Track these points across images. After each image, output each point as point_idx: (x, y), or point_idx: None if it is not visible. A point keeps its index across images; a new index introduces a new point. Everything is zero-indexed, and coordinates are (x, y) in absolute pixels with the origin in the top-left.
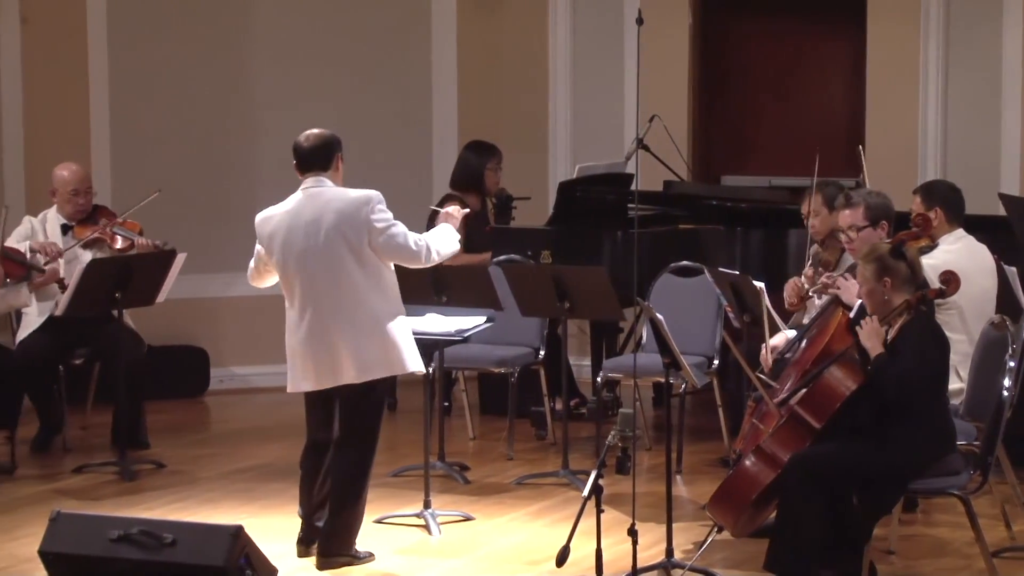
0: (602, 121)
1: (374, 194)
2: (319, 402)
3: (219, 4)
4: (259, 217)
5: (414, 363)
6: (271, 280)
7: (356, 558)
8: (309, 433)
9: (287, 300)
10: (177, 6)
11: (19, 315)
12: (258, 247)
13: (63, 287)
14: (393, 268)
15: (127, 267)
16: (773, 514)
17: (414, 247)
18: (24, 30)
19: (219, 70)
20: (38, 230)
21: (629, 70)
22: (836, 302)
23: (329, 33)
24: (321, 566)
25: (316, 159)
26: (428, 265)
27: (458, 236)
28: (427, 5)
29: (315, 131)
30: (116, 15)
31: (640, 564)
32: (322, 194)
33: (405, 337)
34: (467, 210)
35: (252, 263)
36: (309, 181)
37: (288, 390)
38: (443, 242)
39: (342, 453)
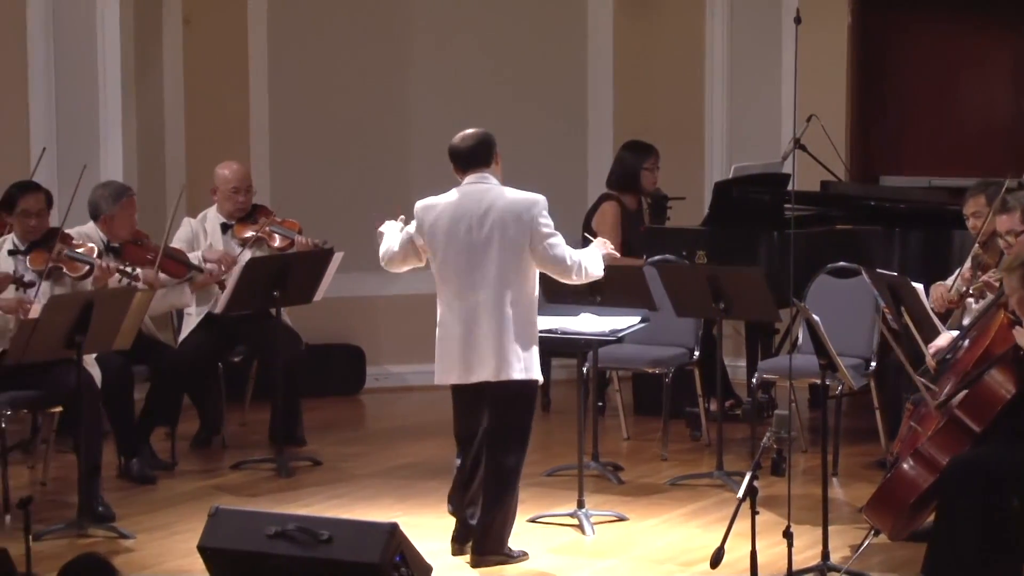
0: (759, 121)
1: (541, 198)
2: (468, 398)
3: (377, 4)
4: (421, 204)
5: (539, 372)
6: (408, 267)
7: (510, 557)
8: (458, 430)
9: (440, 291)
10: (337, 6)
11: (181, 314)
12: (411, 232)
13: (222, 287)
14: (537, 276)
15: (285, 265)
16: (931, 518)
17: (569, 261)
18: (186, 31)
19: (376, 69)
20: (198, 231)
21: (787, 69)
22: (997, 304)
23: (485, 34)
24: (475, 564)
25: (477, 156)
26: (574, 282)
27: (602, 263)
28: (583, 5)
29: (470, 131)
30: (276, 15)
31: (795, 567)
32: (489, 190)
33: (535, 345)
34: (617, 254)
35: (396, 246)
36: (473, 177)
37: (435, 382)
38: (593, 264)
39: (494, 452)
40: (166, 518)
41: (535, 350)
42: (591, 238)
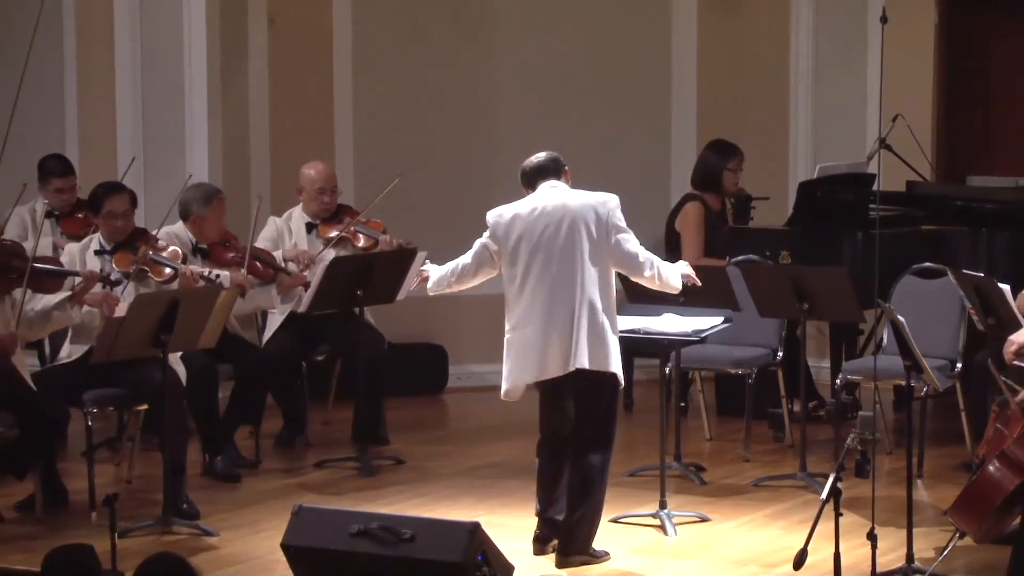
0: (844, 120)
1: (612, 197)
2: (551, 396)
3: (462, 4)
4: (493, 212)
5: (618, 367)
6: (480, 279)
7: (594, 557)
8: (543, 429)
9: (514, 296)
10: (421, 6)
11: (265, 313)
12: (486, 242)
13: (307, 287)
14: (615, 284)
15: (368, 265)
16: (1017, 521)
17: (641, 257)
18: (271, 31)
19: (460, 71)
20: (283, 231)
21: (872, 69)
22: None
23: (570, 33)
24: (560, 564)
25: (547, 169)
26: (646, 280)
27: (680, 281)
28: (668, 6)
29: (538, 154)
30: (361, 16)
31: (879, 569)
32: (561, 193)
33: (615, 339)
34: (698, 283)
35: (467, 259)
36: (545, 184)
37: (503, 392)
38: (670, 273)
39: (579, 452)
40: (250, 516)
41: (610, 345)
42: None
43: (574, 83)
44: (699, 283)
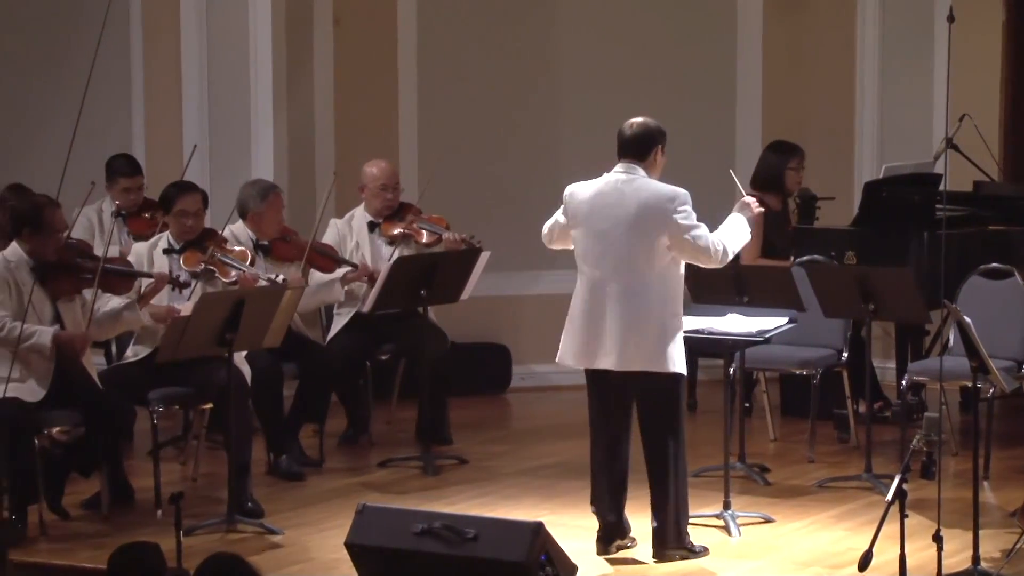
0: (910, 120)
1: (680, 192)
2: (591, 389)
3: (526, 4)
4: (569, 189)
5: (679, 365)
6: (560, 246)
7: (692, 552)
8: (595, 427)
9: (578, 273)
10: (485, 6)
11: (330, 313)
12: (560, 216)
13: (372, 282)
14: (683, 270)
15: (432, 265)
16: None
17: (712, 250)
18: (336, 31)
19: (524, 70)
20: (344, 232)
21: (939, 68)
22: None
23: (634, 31)
24: (659, 559)
25: (633, 148)
26: (722, 265)
27: (749, 228)
28: (733, 5)
29: (640, 119)
30: (426, 16)
31: (945, 571)
32: (631, 182)
33: (676, 338)
34: (761, 209)
35: (549, 225)
36: (621, 167)
37: (556, 359)
38: (736, 237)
39: (650, 449)
40: (314, 515)
41: (668, 342)
42: (736, 181)
43: (638, 82)
44: (762, 209)
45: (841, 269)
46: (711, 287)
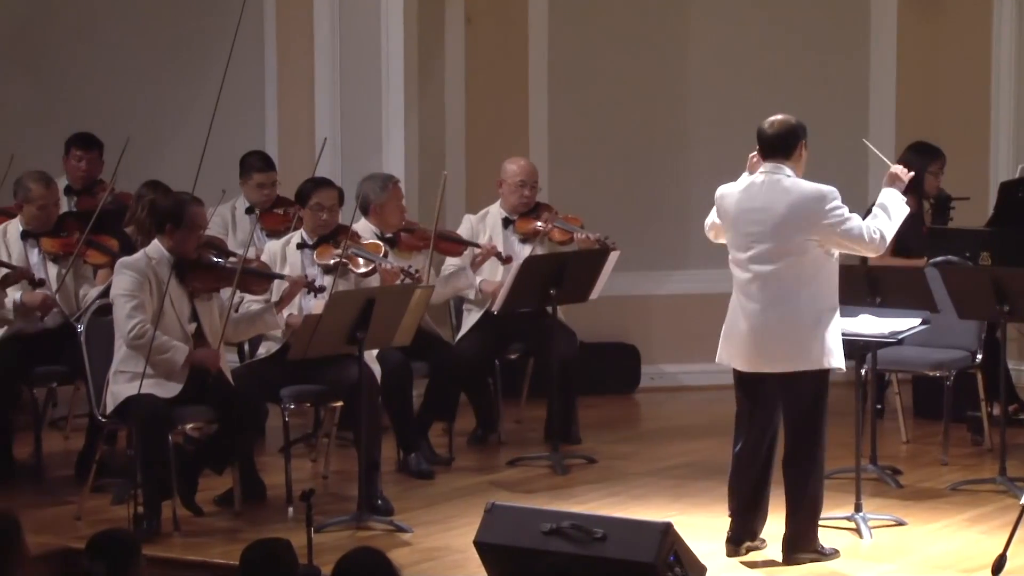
0: None
1: (829, 191)
2: (749, 392)
3: (658, 2)
4: (720, 190)
5: (838, 360)
6: (719, 239)
7: (822, 554)
8: (739, 426)
9: (733, 274)
10: (616, 4)
11: (460, 311)
12: (715, 215)
13: (498, 257)
14: (838, 266)
15: (562, 264)
16: None
17: (867, 239)
18: (468, 29)
19: (655, 68)
20: (477, 228)
21: None
22: None
23: (765, 34)
24: (788, 562)
25: (778, 146)
26: (882, 251)
27: (903, 199)
28: (867, 6)
29: (780, 117)
30: (557, 14)
31: None
32: (779, 183)
33: (833, 334)
34: (911, 173)
35: (709, 222)
36: (768, 167)
37: (716, 360)
38: (891, 216)
39: (792, 451)
40: (443, 513)
41: (826, 339)
42: (878, 154)
43: (769, 82)
44: (908, 173)
45: (975, 270)
46: (844, 288)
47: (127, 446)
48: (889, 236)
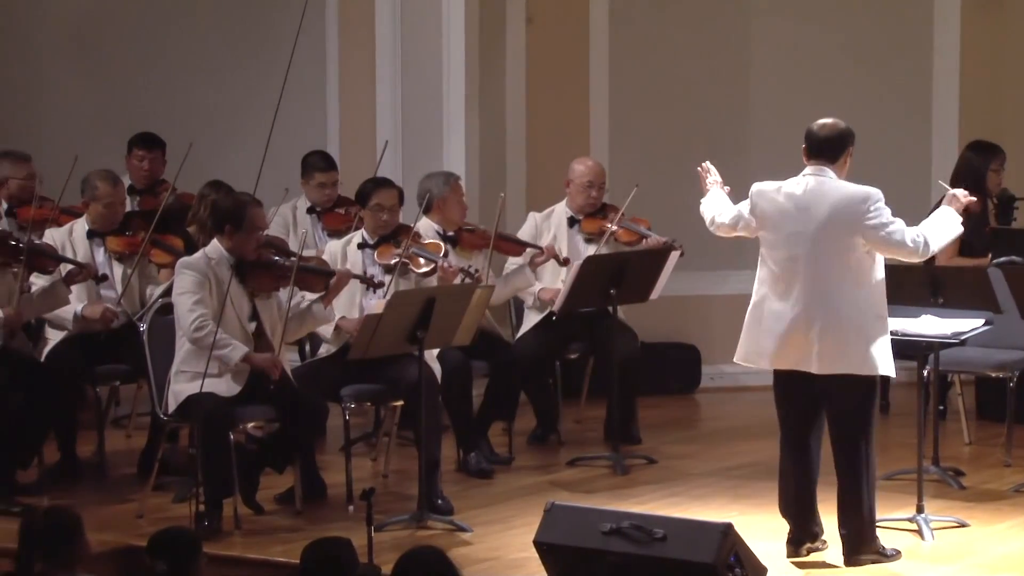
0: None
1: (872, 192)
2: (781, 389)
3: (719, 3)
4: (756, 187)
5: (885, 367)
6: (734, 233)
7: (883, 556)
8: (785, 430)
9: (761, 272)
10: (677, 4)
11: (520, 311)
12: (744, 211)
13: (557, 258)
14: (883, 270)
15: (622, 264)
16: None
17: (911, 244)
18: (528, 30)
19: (716, 68)
20: (541, 226)
21: None
22: None
23: (828, 31)
24: (849, 564)
25: (825, 149)
26: (925, 258)
27: (958, 219)
28: (930, 6)
29: (830, 121)
30: (618, 15)
31: None
32: (822, 184)
33: (880, 338)
34: (974, 199)
35: (725, 217)
36: (811, 168)
37: (735, 359)
38: (942, 231)
39: (842, 455)
40: (502, 512)
41: (870, 344)
42: (946, 186)
43: (832, 81)
44: (973, 198)
45: None
46: (905, 288)
47: (189, 444)
48: (935, 244)
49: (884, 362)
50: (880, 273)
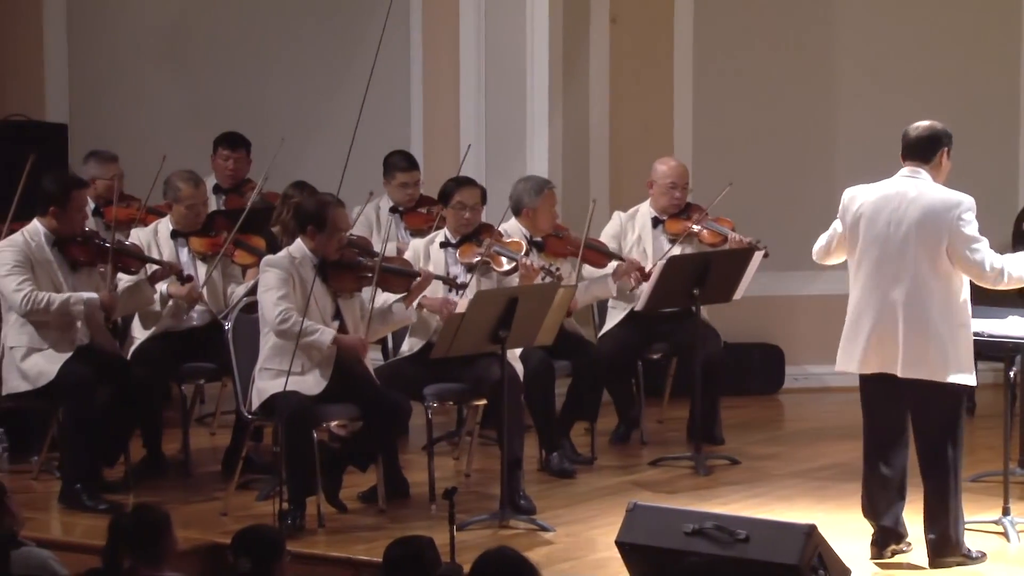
0: None
1: (966, 200)
2: (868, 393)
3: (803, 3)
4: (849, 192)
5: (965, 377)
6: (836, 259)
7: (968, 558)
8: (868, 433)
9: (854, 278)
10: (764, 5)
11: (603, 310)
12: (837, 224)
13: (645, 277)
14: (966, 281)
15: (706, 263)
16: None
17: (988, 269)
18: (612, 29)
19: (801, 69)
20: (626, 226)
21: None
22: None
23: (914, 31)
24: (933, 566)
25: (918, 150)
26: (997, 287)
27: None
28: (1018, 4)
29: (926, 122)
30: (702, 14)
31: None
32: (916, 185)
33: (962, 347)
34: None
35: (824, 239)
36: (906, 170)
37: (836, 368)
38: (1019, 269)
39: (928, 459)
40: (585, 512)
41: (949, 350)
42: None
43: (918, 84)
44: None
45: None
46: (992, 290)
47: (273, 443)
48: (1014, 275)
49: (965, 371)
50: (966, 282)
